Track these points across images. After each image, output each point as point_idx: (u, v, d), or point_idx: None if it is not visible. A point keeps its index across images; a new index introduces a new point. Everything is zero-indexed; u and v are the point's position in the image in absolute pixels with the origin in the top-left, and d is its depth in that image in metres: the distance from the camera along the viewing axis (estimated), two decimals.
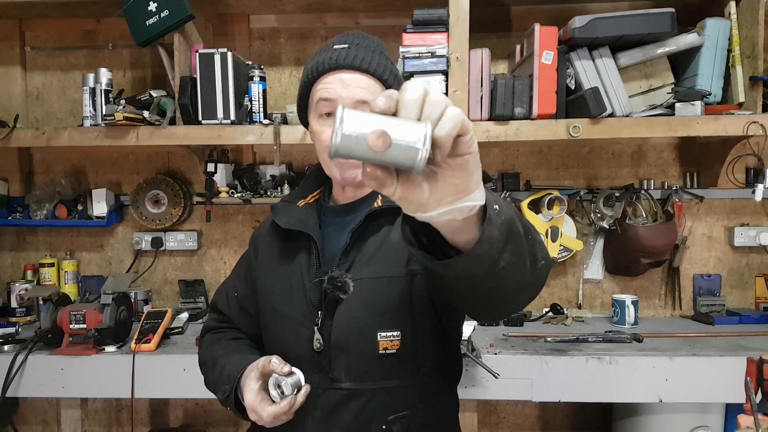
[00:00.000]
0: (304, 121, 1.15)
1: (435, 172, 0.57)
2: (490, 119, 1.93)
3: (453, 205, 0.59)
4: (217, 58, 1.97)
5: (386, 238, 1.06)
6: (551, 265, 0.85)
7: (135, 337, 1.85)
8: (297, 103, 1.14)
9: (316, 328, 1.04)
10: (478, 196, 0.60)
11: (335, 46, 1.06)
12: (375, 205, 1.08)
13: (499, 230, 0.65)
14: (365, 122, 0.53)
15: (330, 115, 1.05)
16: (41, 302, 2.19)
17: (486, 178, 0.67)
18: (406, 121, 0.54)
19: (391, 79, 1.07)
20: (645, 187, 2.28)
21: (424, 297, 1.04)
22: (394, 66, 1.10)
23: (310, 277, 1.07)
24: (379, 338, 1.02)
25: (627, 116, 1.92)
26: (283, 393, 0.99)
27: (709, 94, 1.91)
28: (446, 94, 1.88)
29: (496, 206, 0.65)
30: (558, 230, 2.21)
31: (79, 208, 2.34)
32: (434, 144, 0.53)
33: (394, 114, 0.55)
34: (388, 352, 1.02)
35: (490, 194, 0.65)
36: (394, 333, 1.02)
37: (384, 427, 1.02)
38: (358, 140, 0.53)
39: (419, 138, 0.53)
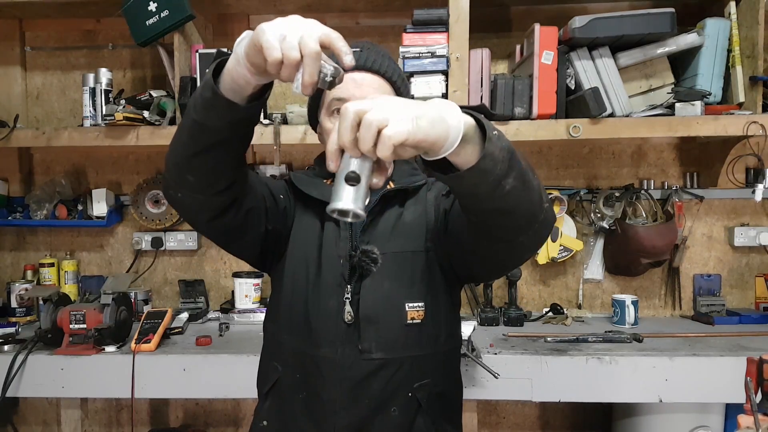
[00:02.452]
0: (314, 121, 1.21)
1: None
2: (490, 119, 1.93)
3: (439, 154, 0.77)
4: None
5: (399, 217, 1.14)
6: (555, 217, 0.95)
7: (135, 337, 1.85)
8: (308, 103, 1.20)
9: (347, 301, 1.08)
10: (451, 141, 0.75)
11: None
12: (388, 187, 1.14)
13: (500, 151, 0.78)
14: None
15: None
16: (41, 302, 2.19)
17: (488, 114, 0.82)
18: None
19: (399, 81, 1.15)
20: (645, 187, 2.28)
21: (439, 271, 1.13)
22: (401, 70, 1.18)
23: (339, 251, 1.10)
24: (407, 308, 1.09)
25: (627, 116, 1.92)
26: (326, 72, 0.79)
27: (709, 94, 1.91)
28: (446, 94, 1.89)
29: (495, 132, 0.78)
30: (558, 230, 2.21)
31: (79, 208, 2.34)
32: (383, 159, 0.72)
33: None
34: (414, 322, 1.09)
35: (489, 124, 0.79)
36: (419, 304, 1.09)
37: (410, 394, 1.09)
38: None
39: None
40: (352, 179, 0.72)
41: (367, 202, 0.73)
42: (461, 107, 0.79)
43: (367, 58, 1.11)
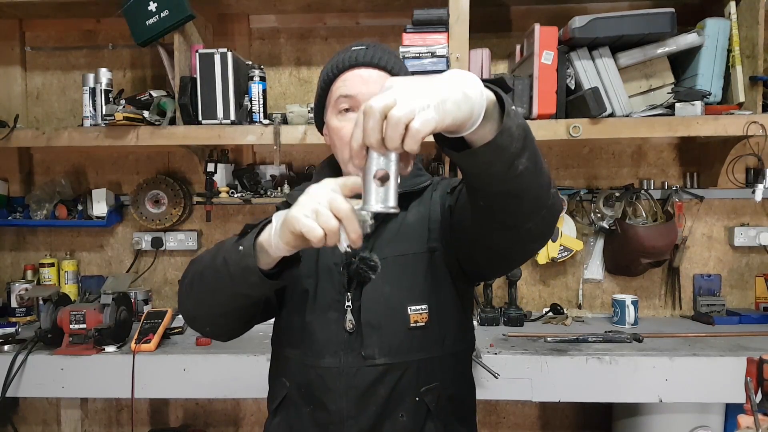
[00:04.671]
0: (320, 121, 1.18)
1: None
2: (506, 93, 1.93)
3: (462, 133, 0.74)
4: (217, 58, 1.97)
5: (403, 220, 1.11)
6: (561, 205, 0.93)
7: (135, 337, 1.85)
8: (315, 102, 1.18)
9: (349, 309, 1.07)
10: (474, 119, 0.73)
11: (353, 48, 1.12)
12: None
13: (516, 128, 0.75)
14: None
15: (349, 110, 1.09)
16: (41, 302, 2.19)
17: (505, 88, 0.79)
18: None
19: None
20: (645, 187, 2.28)
21: (444, 272, 1.10)
22: (407, 68, 1.16)
23: (335, 260, 1.09)
24: (409, 312, 1.06)
25: (627, 116, 1.92)
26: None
27: (709, 94, 1.91)
28: None
29: (513, 107, 0.76)
30: (558, 230, 2.21)
31: (79, 208, 2.34)
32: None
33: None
34: (418, 325, 1.07)
35: (508, 99, 0.76)
36: (422, 306, 1.07)
37: (417, 398, 1.06)
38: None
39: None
40: (383, 178, 0.70)
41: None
42: (481, 80, 0.76)
43: (374, 54, 1.09)
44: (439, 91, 0.70)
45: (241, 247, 0.90)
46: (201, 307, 1.03)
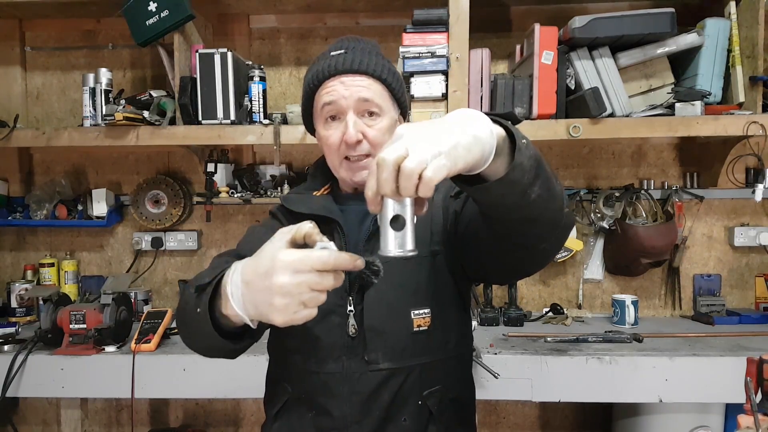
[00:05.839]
0: (310, 126, 1.20)
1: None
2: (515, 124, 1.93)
3: (474, 172, 0.76)
4: (217, 58, 1.97)
5: None
6: (574, 221, 0.93)
7: (135, 337, 1.85)
8: (302, 113, 1.18)
9: (351, 314, 1.06)
10: (485, 160, 0.74)
11: (332, 53, 1.11)
12: None
13: (528, 160, 0.76)
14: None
15: (335, 118, 1.10)
16: (41, 302, 2.19)
17: (514, 119, 0.81)
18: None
19: (390, 77, 1.12)
20: (645, 187, 2.28)
21: (446, 275, 1.10)
22: (391, 64, 1.15)
23: None
24: (413, 316, 1.06)
25: (627, 116, 1.91)
26: None
27: (709, 94, 1.91)
28: (446, 94, 1.89)
29: (524, 140, 0.77)
30: None
31: (79, 208, 2.34)
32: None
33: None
34: (421, 329, 1.07)
35: (518, 132, 0.77)
36: (425, 310, 1.07)
37: (420, 402, 1.07)
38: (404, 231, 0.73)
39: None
40: (398, 223, 0.72)
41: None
42: (489, 115, 0.77)
43: (353, 60, 1.08)
44: (449, 136, 0.70)
45: (198, 309, 0.88)
46: (194, 346, 1.02)
